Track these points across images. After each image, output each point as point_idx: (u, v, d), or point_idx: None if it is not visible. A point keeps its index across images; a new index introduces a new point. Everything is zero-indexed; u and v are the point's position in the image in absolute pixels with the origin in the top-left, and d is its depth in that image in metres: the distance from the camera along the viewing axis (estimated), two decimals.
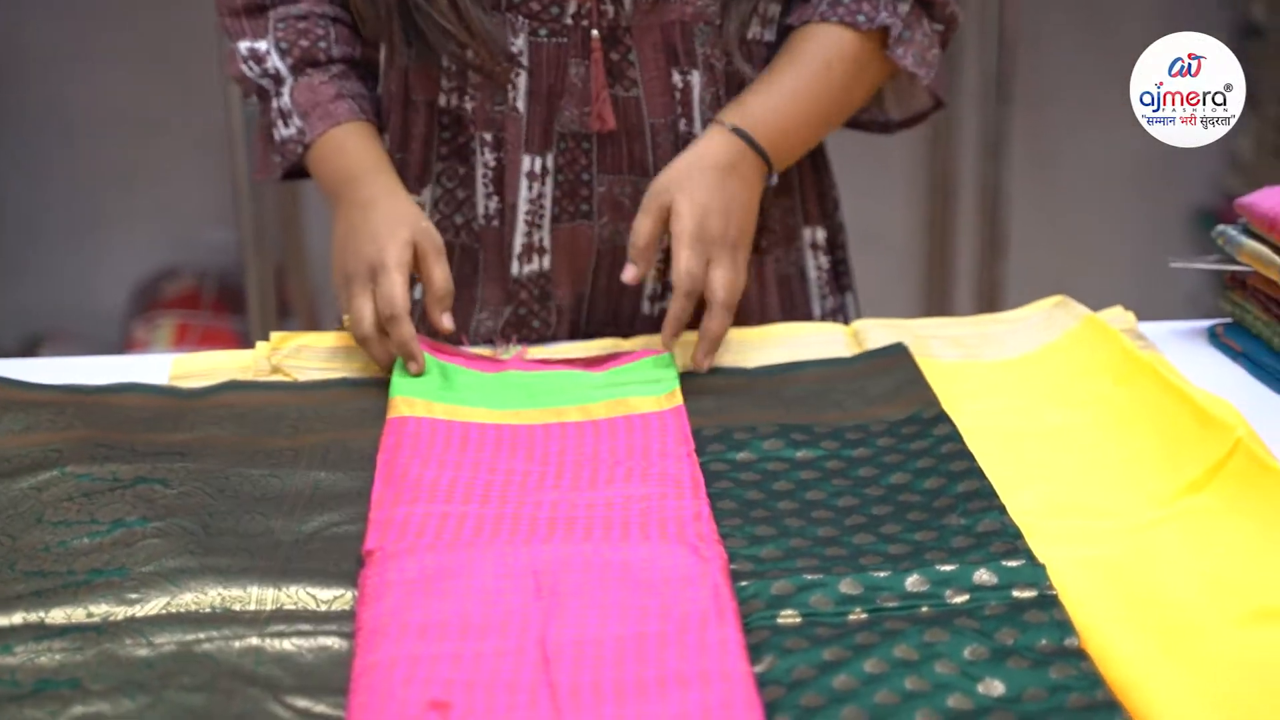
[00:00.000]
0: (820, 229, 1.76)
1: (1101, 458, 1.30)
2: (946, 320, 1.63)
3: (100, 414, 1.39)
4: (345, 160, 1.59)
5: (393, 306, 1.46)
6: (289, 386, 1.48)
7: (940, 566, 1.13)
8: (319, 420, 1.41)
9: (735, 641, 1.06)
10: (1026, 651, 1.05)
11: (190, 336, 3.16)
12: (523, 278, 1.64)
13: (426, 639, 1.06)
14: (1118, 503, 1.23)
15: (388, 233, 1.50)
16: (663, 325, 1.51)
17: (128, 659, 1.05)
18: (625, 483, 1.27)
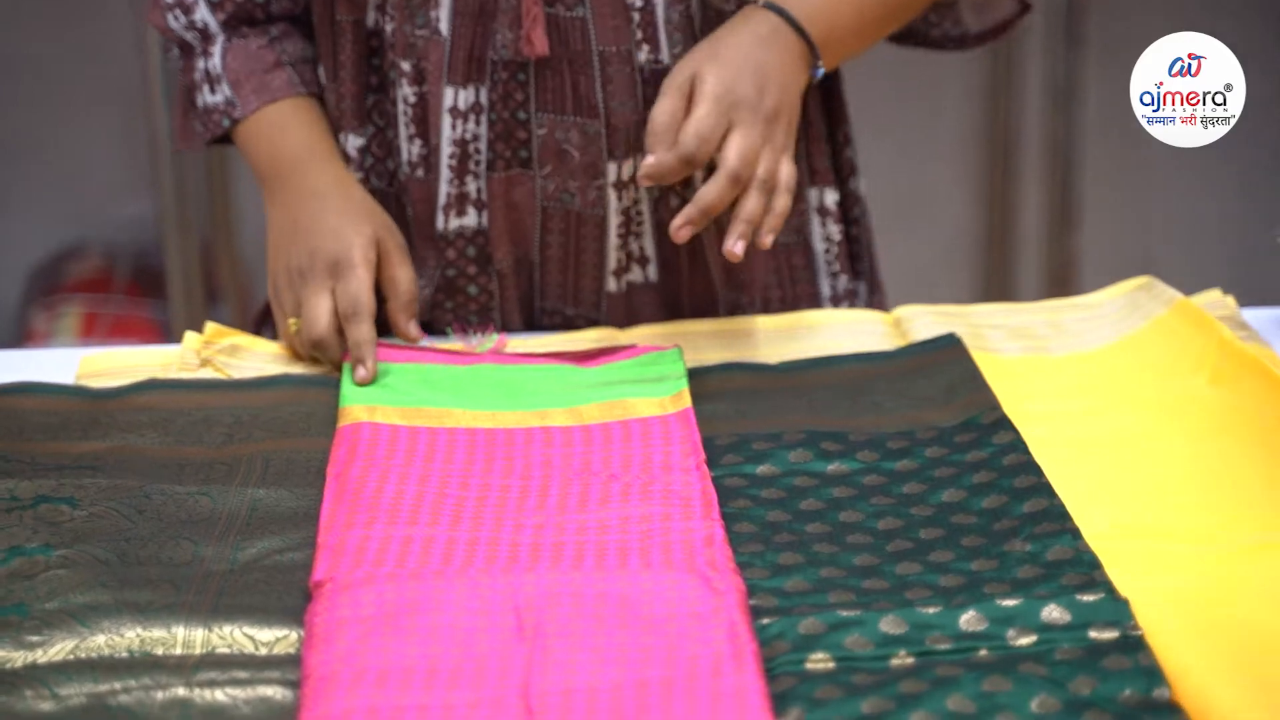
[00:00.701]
0: (831, 191, 1.75)
1: (1195, 471, 1.31)
2: (1008, 307, 1.64)
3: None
4: (286, 143, 1.61)
5: (357, 305, 1.49)
6: (222, 385, 1.49)
7: (1002, 601, 1.14)
8: (257, 426, 1.41)
9: (755, 690, 1.06)
10: (1107, 704, 1.05)
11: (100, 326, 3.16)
12: (449, 234, 1.65)
13: (386, 688, 1.06)
14: (1215, 525, 1.23)
15: (351, 227, 1.52)
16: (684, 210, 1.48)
17: (27, 714, 1.05)
18: (623, 501, 1.28)
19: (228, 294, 3.31)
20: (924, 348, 1.52)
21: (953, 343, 1.51)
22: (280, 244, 1.57)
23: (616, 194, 1.62)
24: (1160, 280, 1.59)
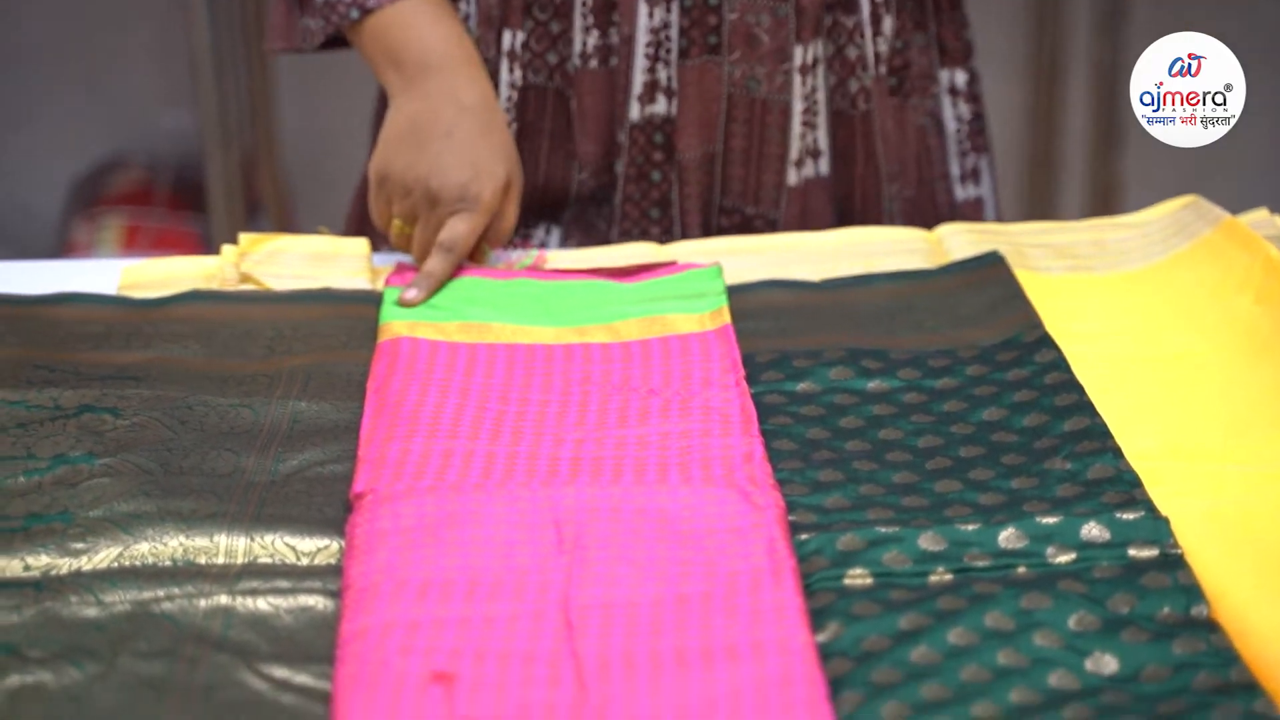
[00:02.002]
0: (961, 71, 1.76)
1: (1238, 391, 1.30)
2: (1052, 225, 1.63)
3: (37, 329, 1.40)
4: (429, 38, 1.57)
5: (456, 243, 1.50)
6: (262, 298, 1.49)
7: (1041, 519, 1.14)
8: (298, 339, 1.41)
9: (794, 606, 1.06)
10: (1145, 622, 1.05)
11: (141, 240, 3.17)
12: (642, 121, 1.65)
13: (427, 600, 1.07)
14: (1256, 445, 1.23)
15: (488, 166, 1.52)
16: None
17: (73, 620, 1.07)
18: (662, 417, 1.28)
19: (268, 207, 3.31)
20: (966, 266, 1.52)
21: (995, 261, 1.51)
22: (406, 145, 1.54)
23: (801, 79, 1.62)
24: (1206, 199, 1.58)
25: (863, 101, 1.66)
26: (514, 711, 0.98)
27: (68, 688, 1.01)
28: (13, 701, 1.00)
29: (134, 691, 1.01)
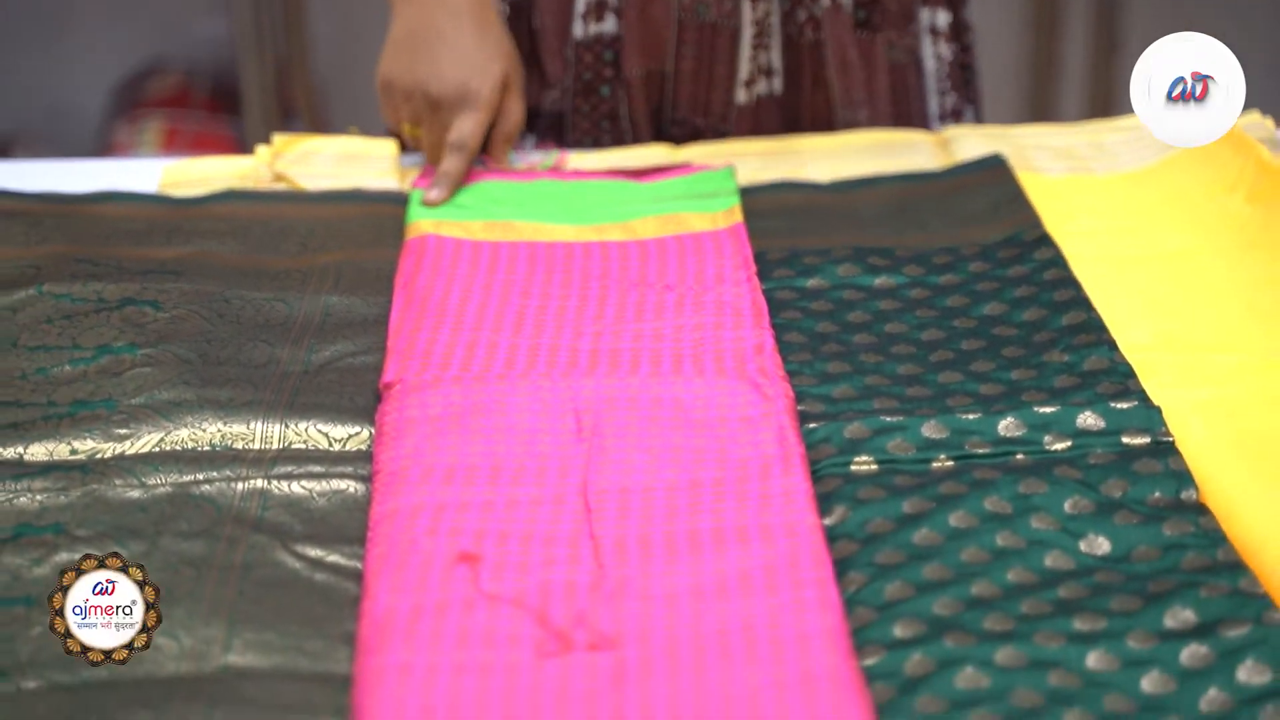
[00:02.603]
0: (943, 11, 1.73)
1: (1229, 287, 1.30)
2: (1052, 128, 1.62)
3: (82, 226, 1.40)
4: None
5: (464, 141, 1.48)
6: (295, 197, 1.49)
7: (1039, 408, 1.14)
8: (330, 237, 1.41)
9: (802, 491, 1.07)
10: (1137, 505, 1.06)
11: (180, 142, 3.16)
12: (588, 40, 1.63)
13: (453, 484, 1.07)
14: (1245, 338, 1.23)
15: (483, 64, 1.51)
16: None
17: (118, 502, 1.07)
18: (677, 311, 1.28)
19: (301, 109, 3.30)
20: (970, 168, 1.51)
21: (998, 163, 1.50)
22: (404, 52, 1.54)
23: (751, 5, 1.60)
24: None
25: (810, 31, 1.63)
26: (535, 590, 0.99)
27: None
28: (60, 576, 1.01)
29: (175, 569, 1.02)
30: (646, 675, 0.93)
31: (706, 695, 0.92)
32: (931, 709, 0.91)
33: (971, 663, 0.93)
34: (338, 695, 0.93)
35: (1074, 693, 0.92)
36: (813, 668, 0.93)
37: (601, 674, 0.93)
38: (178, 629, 0.97)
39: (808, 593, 0.98)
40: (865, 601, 0.99)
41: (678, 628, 0.96)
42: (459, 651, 0.94)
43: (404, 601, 0.97)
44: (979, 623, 0.96)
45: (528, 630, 0.96)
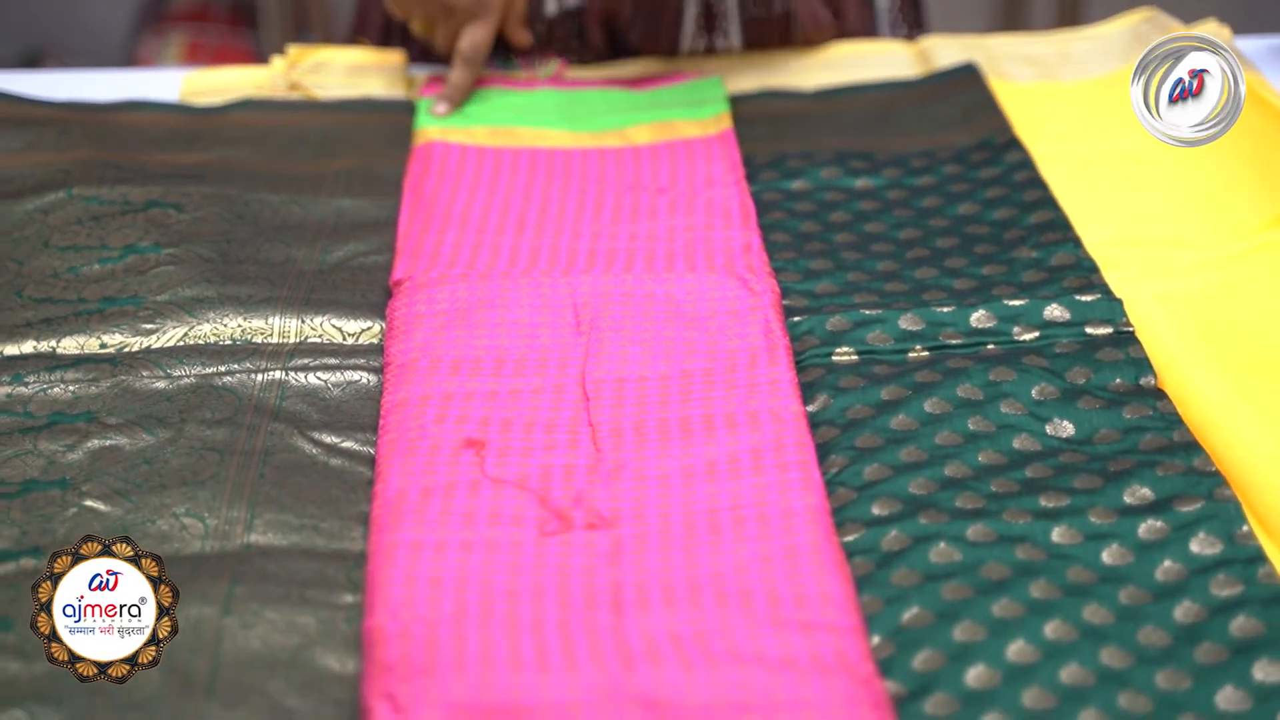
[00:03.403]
0: None
1: (1187, 186, 1.30)
2: (1022, 37, 1.61)
3: (108, 133, 1.39)
4: None
5: (475, 52, 1.46)
6: (309, 106, 1.48)
7: (1009, 301, 1.14)
8: (342, 143, 1.41)
9: (787, 380, 1.07)
10: (1099, 391, 1.06)
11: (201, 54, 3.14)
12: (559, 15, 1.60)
13: (460, 375, 1.08)
14: (1202, 234, 1.23)
15: None
16: None
17: (145, 392, 1.08)
18: (669, 214, 1.27)
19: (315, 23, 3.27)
20: (945, 76, 1.50)
21: (971, 71, 1.49)
22: None
23: None
24: (1163, 12, 1.57)
25: None
26: (537, 473, 0.99)
27: (141, 450, 1.02)
28: (93, 461, 1.01)
29: (199, 454, 1.02)
30: (641, 551, 0.94)
31: (697, 569, 0.92)
32: (907, 581, 0.92)
33: (944, 538, 0.94)
34: (353, 571, 0.94)
35: (1039, 565, 0.92)
36: (796, 543, 0.93)
37: (599, 550, 0.94)
38: (203, 510, 0.97)
39: (792, 474, 0.98)
40: (845, 482, 0.99)
41: (670, 507, 0.97)
42: (466, 530, 0.95)
43: (414, 484, 0.98)
44: (951, 501, 0.97)
45: (530, 510, 0.96)
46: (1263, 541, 0.95)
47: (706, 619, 0.89)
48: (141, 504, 0.98)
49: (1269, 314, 1.13)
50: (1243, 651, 0.86)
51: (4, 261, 1.20)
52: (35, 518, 0.97)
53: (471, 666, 0.85)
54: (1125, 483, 0.98)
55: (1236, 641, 0.87)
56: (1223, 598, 0.90)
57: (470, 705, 0.83)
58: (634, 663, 0.86)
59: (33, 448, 1.02)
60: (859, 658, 0.86)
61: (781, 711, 0.83)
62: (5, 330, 1.12)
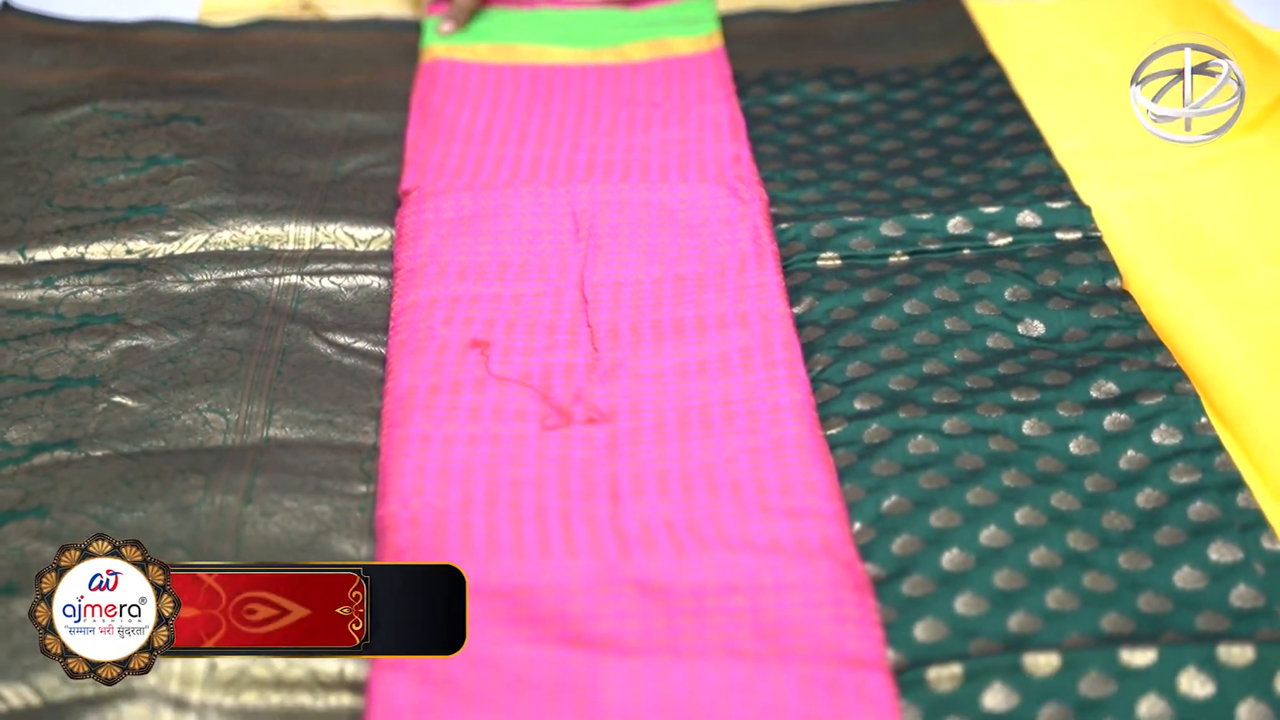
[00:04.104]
0: None
1: None
2: None
3: (130, 50, 1.38)
4: None
5: None
6: (322, 25, 1.47)
7: (984, 209, 1.14)
8: (353, 60, 1.40)
9: (775, 284, 1.07)
10: (1068, 292, 1.06)
11: None
12: None
13: (465, 279, 1.08)
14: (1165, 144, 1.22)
15: None
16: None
17: (169, 295, 1.08)
18: (663, 127, 1.27)
19: None
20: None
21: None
22: None
23: None
24: None
25: None
26: (539, 371, 0.99)
27: (166, 350, 1.03)
28: (121, 359, 1.01)
29: (221, 354, 1.02)
30: (637, 444, 0.94)
31: (689, 460, 0.93)
32: (887, 471, 0.92)
33: (922, 431, 0.94)
34: (365, 462, 0.94)
35: (1011, 456, 0.93)
36: (783, 436, 0.94)
37: (598, 443, 0.94)
38: (224, 406, 0.98)
39: (779, 371, 0.99)
40: (830, 379, 1.00)
41: (664, 402, 0.97)
42: (472, 424, 0.95)
43: (423, 381, 0.98)
44: (929, 396, 0.97)
45: (532, 406, 0.97)
46: (1219, 431, 0.95)
47: (698, 507, 0.89)
48: (167, 400, 0.98)
49: (1227, 219, 1.13)
50: (1200, 534, 0.87)
51: (34, 172, 1.20)
52: (67, 412, 0.97)
53: (478, 551, 0.86)
54: (1092, 378, 0.98)
55: (1194, 525, 0.88)
56: (1181, 484, 0.91)
57: (476, 587, 0.83)
58: (630, 548, 0.86)
59: (64, 347, 1.02)
60: (841, 542, 0.87)
61: (768, 593, 0.83)
62: (37, 236, 1.12)
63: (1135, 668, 0.79)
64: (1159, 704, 0.78)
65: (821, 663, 0.80)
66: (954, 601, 0.84)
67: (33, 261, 1.10)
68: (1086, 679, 0.79)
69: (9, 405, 0.98)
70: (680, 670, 0.80)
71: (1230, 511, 0.88)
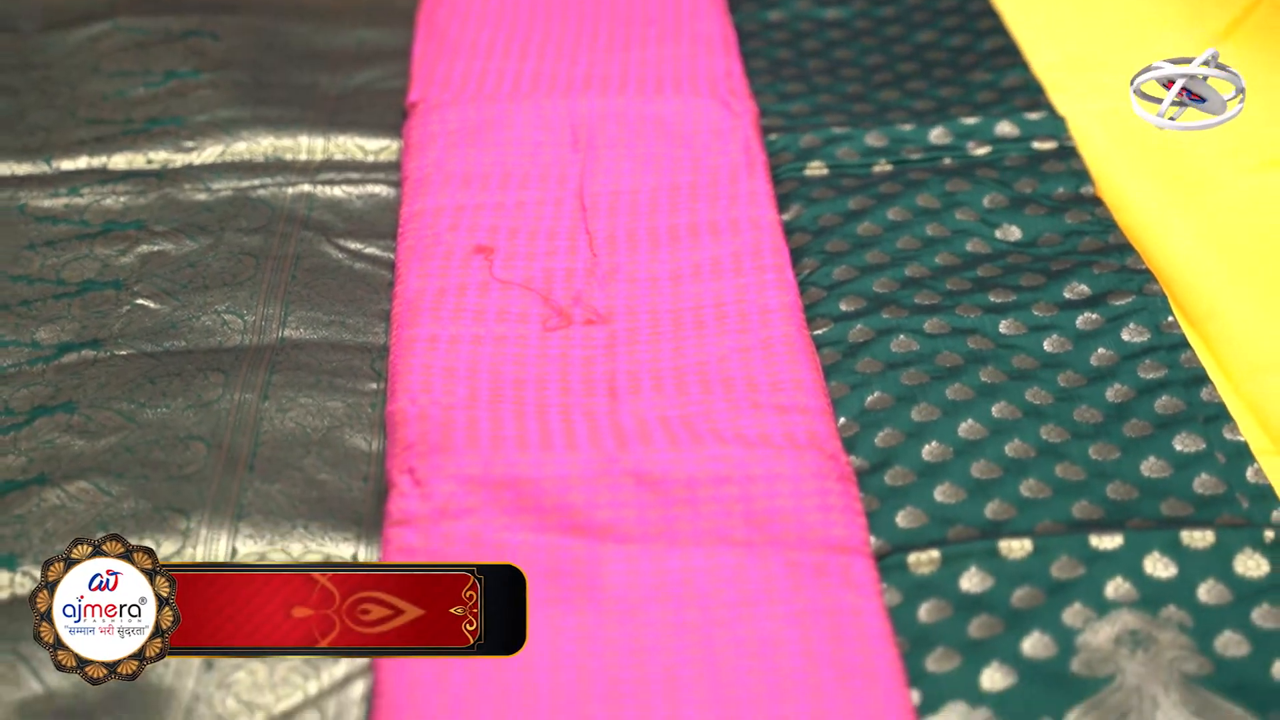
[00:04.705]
0: None
1: (1128, 13, 1.28)
2: None
3: None
4: None
5: None
6: None
7: (964, 120, 1.13)
8: None
9: (764, 192, 1.07)
10: (1044, 199, 1.06)
11: None
12: None
13: (470, 188, 1.07)
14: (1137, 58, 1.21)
15: None
16: None
17: (187, 203, 1.07)
18: (659, 43, 1.26)
19: None
20: None
21: None
22: None
23: None
24: None
25: None
26: (540, 275, 0.99)
27: (185, 255, 1.02)
28: (143, 264, 1.01)
29: (238, 259, 1.02)
30: (633, 344, 0.94)
31: (683, 358, 0.93)
32: (870, 369, 0.92)
33: (904, 331, 0.95)
34: (376, 361, 0.94)
35: (988, 353, 0.93)
36: (772, 335, 0.94)
37: (596, 343, 0.95)
38: (242, 308, 0.98)
39: (768, 275, 0.99)
40: (816, 282, 1.00)
41: (659, 304, 0.97)
42: (476, 325, 0.95)
43: (430, 285, 0.98)
44: (911, 298, 0.97)
45: (534, 308, 0.97)
46: (1185, 330, 0.95)
47: (691, 403, 0.90)
48: (187, 302, 0.98)
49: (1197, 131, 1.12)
50: (1165, 426, 0.88)
51: (58, 86, 1.19)
52: (93, 314, 0.97)
53: (483, 445, 0.86)
54: (1065, 280, 0.98)
55: (1160, 418, 0.88)
56: (1149, 380, 0.91)
57: (481, 479, 0.84)
58: (627, 441, 0.87)
59: (89, 252, 1.02)
60: (827, 436, 0.87)
61: (758, 483, 0.84)
62: (62, 147, 1.12)
63: (1103, 551, 0.80)
64: (1125, 585, 0.79)
65: (808, 549, 0.81)
66: (933, 491, 0.85)
67: (59, 171, 1.10)
68: (1057, 563, 0.80)
69: (38, 307, 0.98)
70: (674, 556, 0.81)
71: (1194, 405, 0.89)
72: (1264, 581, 0.79)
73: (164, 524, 0.82)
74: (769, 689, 0.75)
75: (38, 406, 0.90)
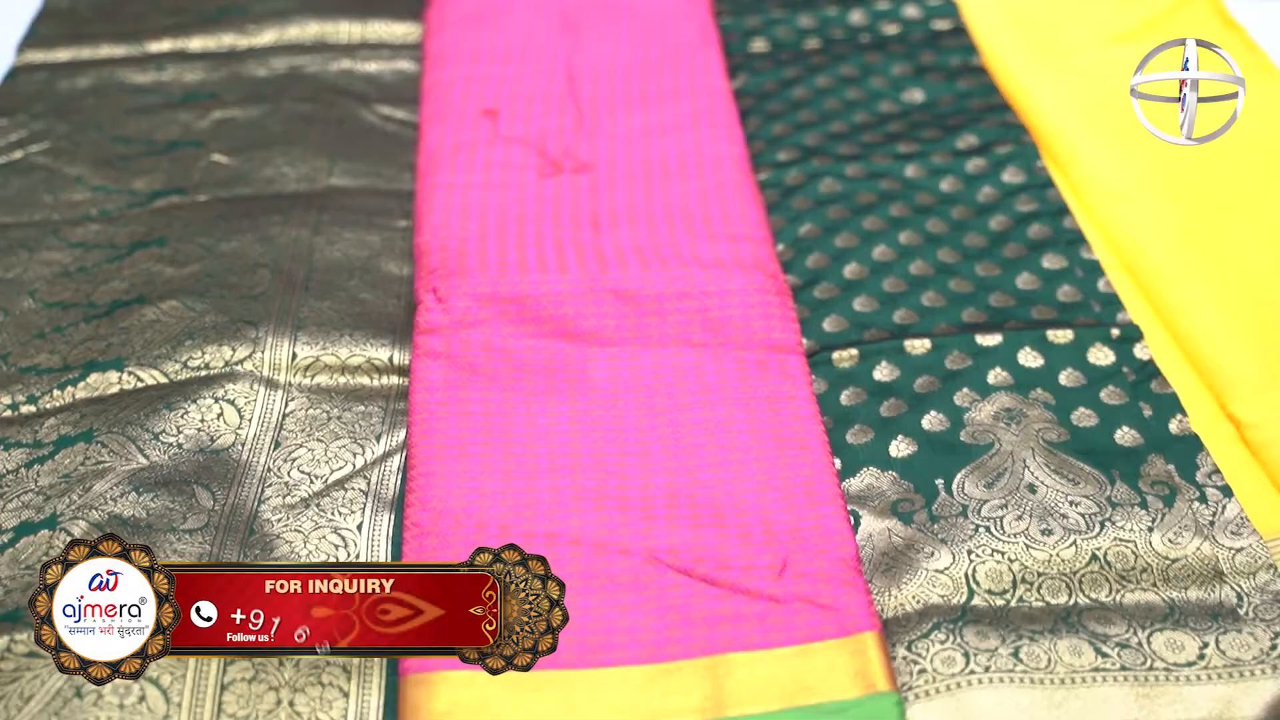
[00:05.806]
0: None
1: None
2: None
3: None
4: None
5: None
6: None
7: (877, 5, 1.10)
8: None
9: (717, 64, 1.04)
10: (941, 69, 1.03)
11: None
12: None
13: (479, 63, 1.04)
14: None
15: None
16: None
17: (251, 78, 1.04)
18: None
19: None
20: None
21: None
22: None
23: None
24: None
25: None
26: (536, 133, 0.97)
27: (250, 120, 1.00)
28: (217, 127, 0.99)
29: (292, 122, 0.99)
30: (612, 188, 0.93)
31: (652, 201, 0.91)
32: (803, 206, 0.91)
33: (830, 175, 0.93)
34: (405, 204, 0.93)
35: (897, 193, 0.91)
36: (724, 179, 0.92)
37: (581, 188, 0.93)
38: (296, 161, 0.95)
39: (721, 131, 0.97)
40: (759, 137, 0.98)
41: (633, 155, 0.95)
42: (485, 174, 0.93)
43: (447, 140, 0.96)
44: (835, 149, 0.95)
45: (531, 160, 0.95)
46: (1051, 171, 0.94)
47: (659, 234, 0.88)
48: (253, 157, 0.96)
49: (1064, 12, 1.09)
50: (1036, 248, 0.86)
51: None
52: (178, 167, 0.95)
53: (491, 269, 0.85)
54: (958, 133, 0.96)
55: (1032, 241, 0.87)
56: (1023, 212, 0.89)
57: (490, 295, 0.83)
58: (608, 265, 0.85)
59: (173, 118, 0.99)
60: (768, 259, 0.86)
61: (713, 297, 0.83)
62: (150, 33, 1.08)
63: (986, 347, 0.79)
64: (1002, 373, 0.78)
65: (753, 348, 0.80)
66: (853, 302, 0.84)
67: (147, 52, 1.07)
68: (950, 356, 0.79)
69: (136, 162, 0.95)
70: (646, 356, 0.80)
71: (1059, 231, 0.88)
72: (1111, 368, 0.78)
73: (238, 333, 0.81)
74: (722, 459, 0.75)
75: (136, 242, 0.88)
